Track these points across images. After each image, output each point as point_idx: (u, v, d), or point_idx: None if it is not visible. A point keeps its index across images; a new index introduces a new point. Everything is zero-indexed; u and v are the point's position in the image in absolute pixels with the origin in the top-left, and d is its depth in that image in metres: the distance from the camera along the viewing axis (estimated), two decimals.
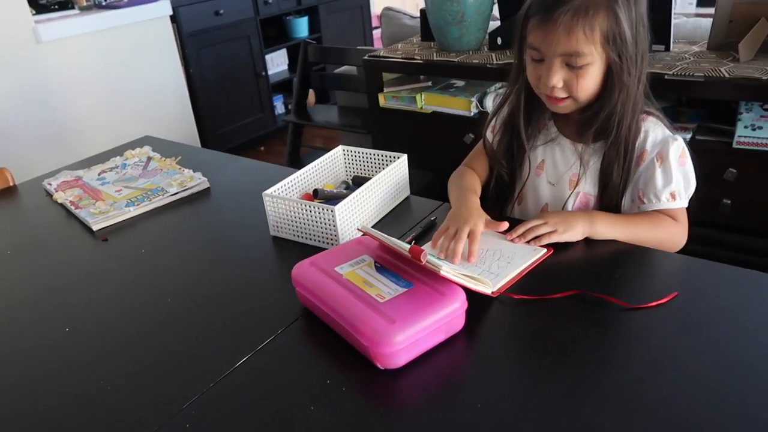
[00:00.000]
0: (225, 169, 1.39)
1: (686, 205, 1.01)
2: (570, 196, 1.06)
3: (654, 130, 1.01)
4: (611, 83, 0.94)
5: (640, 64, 0.95)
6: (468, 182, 1.11)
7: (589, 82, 0.94)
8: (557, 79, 0.94)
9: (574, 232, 0.94)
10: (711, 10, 1.71)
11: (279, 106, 3.85)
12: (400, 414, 0.68)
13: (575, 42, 0.90)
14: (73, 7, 2.71)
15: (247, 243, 1.06)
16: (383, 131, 2.22)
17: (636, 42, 0.92)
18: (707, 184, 1.60)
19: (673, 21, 1.72)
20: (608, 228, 0.96)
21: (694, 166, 1.00)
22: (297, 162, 2.66)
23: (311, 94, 3.49)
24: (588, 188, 1.05)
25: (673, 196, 0.99)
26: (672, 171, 0.98)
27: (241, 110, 3.50)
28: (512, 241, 0.95)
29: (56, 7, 2.66)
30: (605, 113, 0.96)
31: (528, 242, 0.95)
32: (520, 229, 0.96)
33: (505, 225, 0.98)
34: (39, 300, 0.95)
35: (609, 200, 1.04)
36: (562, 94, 0.96)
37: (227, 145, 3.38)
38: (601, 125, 0.98)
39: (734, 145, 1.56)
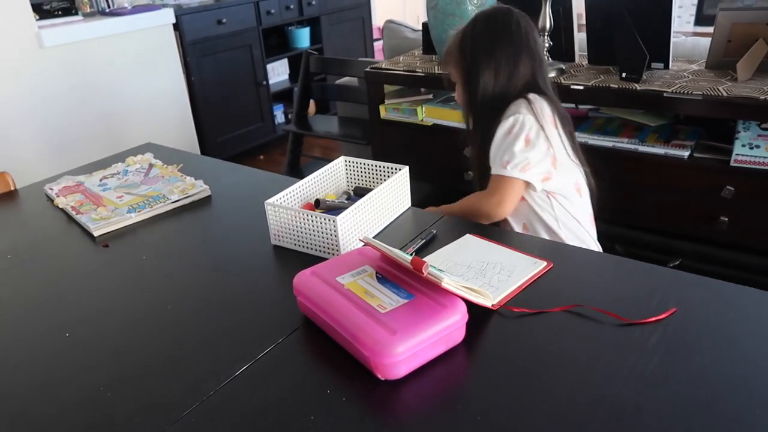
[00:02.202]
0: (226, 177, 1.40)
1: (505, 173, 1.20)
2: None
3: (508, 111, 1.23)
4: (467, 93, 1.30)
5: (486, 73, 1.23)
6: None
7: (460, 96, 1.32)
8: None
9: None
10: (708, 29, 1.74)
11: (279, 116, 3.87)
12: (399, 424, 0.68)
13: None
14: (76, 14, 2.72)
15: (248, 251, 1.07)
16: (383, 142, 2.23)
17: (473, 63, 1.24)
18: (705, 201, 1.63)
19: (672, 39, 1.74)
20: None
21: (692, 184, 1.01)
22: (296, 171, 2.67)
23: (312, 104, 3.50)
24: None
25: (494, 163, 1.22)
26: (496, 141, 1.22)
27: (241, 119, 3.51)
28: None
29: (60, 12, 2.67)
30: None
31: None
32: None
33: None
34: (38, 305, 0.95)
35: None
36: None
37: (226, 152, 3.39)
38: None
39: (732, 163, 1.57)
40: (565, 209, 1.25)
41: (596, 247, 1.31)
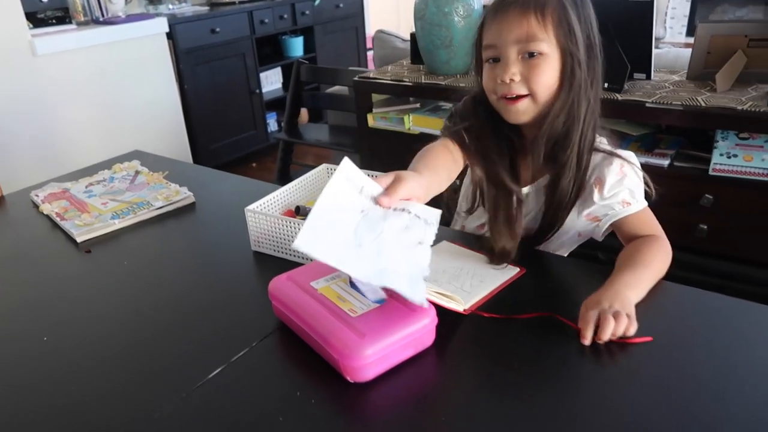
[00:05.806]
0: (213, 184, 1.41)
1: (645, 203, 1.00)
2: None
3: (596, 154, 1.00)
4: (568, 85, 0.92)
5: (596, 73, 0.94)
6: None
7: (547, 75, 0.91)
8: (514, 69, 0.91)
9: (632, 307, 0.82)
10: None
11: (272, 124, 3.89)
12: (367, 426, 0.70)
13: (527, 25, 0.89)
14: (70, 22, 2.75)
15: (229, 257, 1.08)
16: (371, 151, 2.26)
17: (589, 47, 0.92)
18: (684, 209, 1.65)
19: (654, 50, 1.77)
20: (635, 290, 0.86)
21: (672, 192, 0.99)
22: (286, 179, 2.68)
23: (304, 112, 3.53)
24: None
25: (624, 203, 0.98)
26: (615, 187, 0.98)
27: (234, 126, 3.54)
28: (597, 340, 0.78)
29: (53, 21, 2.70)
30: (561, 118, 0.93)
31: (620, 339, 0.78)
32: (589, 332, 0.78)
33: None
34: (19, 311, 0.97)
35: (552, 218, 1.02)
36: (520, 89, 0.92)
37: (219, 160, 3.41)
38: (558, 137, 0.95)
39: (710, 172, 1.60)
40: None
41: None
